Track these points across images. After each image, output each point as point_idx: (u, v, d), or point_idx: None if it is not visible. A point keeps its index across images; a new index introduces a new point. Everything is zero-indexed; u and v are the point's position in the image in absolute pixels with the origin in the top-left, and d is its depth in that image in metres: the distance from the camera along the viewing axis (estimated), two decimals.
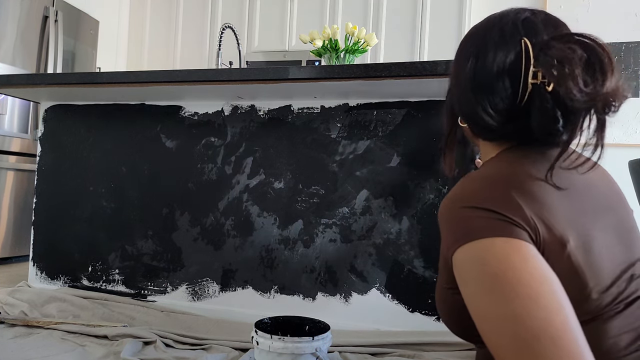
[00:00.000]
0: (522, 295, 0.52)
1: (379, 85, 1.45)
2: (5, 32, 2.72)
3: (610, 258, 0.60)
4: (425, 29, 3.35)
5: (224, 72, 1.50)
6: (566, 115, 0.62)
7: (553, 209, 0.58)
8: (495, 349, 0.54)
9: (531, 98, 0.62)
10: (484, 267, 0.55)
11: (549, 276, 0.54)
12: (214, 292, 1.76)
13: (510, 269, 0.54)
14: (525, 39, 0.63)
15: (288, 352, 1.11)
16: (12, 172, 2.72)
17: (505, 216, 0.57)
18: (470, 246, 0.57)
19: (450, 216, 0.62)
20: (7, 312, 1.63)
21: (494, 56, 0.65)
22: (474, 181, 0.63)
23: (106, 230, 1.91)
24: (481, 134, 0.71)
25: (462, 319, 0.66)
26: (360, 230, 1.61)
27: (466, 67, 0.69)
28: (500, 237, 0.56)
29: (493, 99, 0.65)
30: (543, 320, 0.51)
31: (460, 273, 0.59)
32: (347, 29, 1.85)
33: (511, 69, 0.64)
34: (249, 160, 1.75)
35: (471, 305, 0.57)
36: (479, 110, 0.66)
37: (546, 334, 0.50)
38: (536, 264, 0.54)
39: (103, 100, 1.91)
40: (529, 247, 0.56)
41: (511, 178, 0.61)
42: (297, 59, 3.55)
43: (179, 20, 3.88)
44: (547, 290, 0.52)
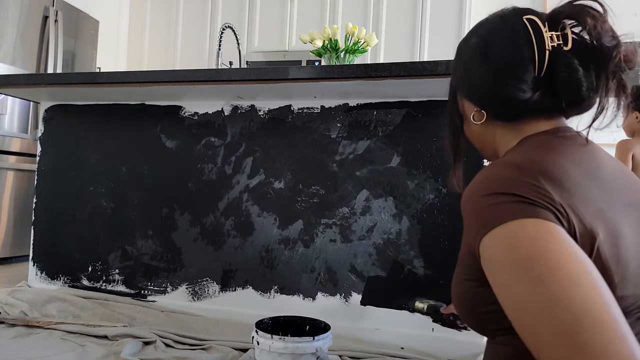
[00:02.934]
0: (559, 277, 0.50)
1: (379, 85, 1.45)
2: (5, 32, 2.72)
3: (636, 254, 0.58)
4: (425, 29, 3.35)
5: (224, 72, 1.50)
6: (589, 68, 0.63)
7: (583, 199, 0.57)
8: (533, 339, 0.52)
9: (551, 64, 0.63)
10: (516, 251, 0.53)
11: (582, 257, 0.53)
12: (214, 292, 1.76)
13: (544, 250, 0.52)
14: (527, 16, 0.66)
15: (288, 352, 1.11)
16: (12, 172, 2.72)
17: (533, 200, 0.56)
18: (498, 231, 0.55)
19: (476, 204, 0.60)
20: (7, 312, 1.63)
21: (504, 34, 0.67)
22: (499, 168, 0.62)
23: (106, 230, 1.91)
24: (507, 114, 0.69)
25: (481, 312, 0.64)
26: (360, 230, 1.61)
27: (479, 55, 0.70)
28: (531, 218, 0.54)
29: (518, 72, 0.65)
30: (582, 300, 0.49)
31: (489, 261, 0.57)
32: (347, 29, 1.85)
33: (524, 41, 0.65)
34: (249, 160, 1.75)
35: (504, 295, 0.55)
36: (507, 85, 0.66)
37: (586, 315, 0.48)
38: (570, 245, 0.53)
39: (103, 100, 1.91)
40: (559, 229, 0.54)
41: (539, 164, 0.60)
42: (297, 59, 3.55)
43: (179, 20, 3.88)
44: (583, 271, 0.51)
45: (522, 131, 0.69)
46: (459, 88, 0.76)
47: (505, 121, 0.70)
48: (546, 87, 0.65)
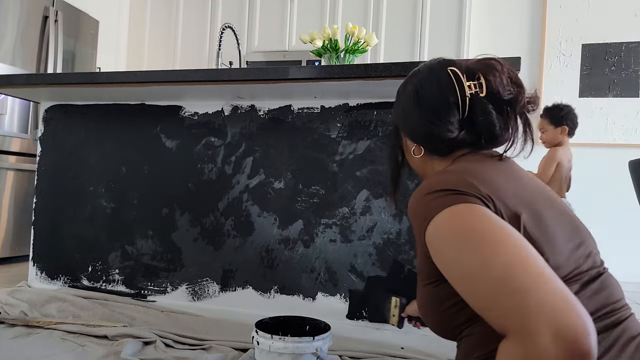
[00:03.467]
0: (488, 241, 0.60)
1: (379, 85, 1.45)
2: (5, 32, 2.72)
3: (561, 231, 0.68)
4: (425, 29, 3.35)
5: (224, 72, 1.50)
6: (500, 110, 0.77)
7: (503, 190, 0.69)
8: (480, 303, 0.59)
9: (471, 108, 0.77)
10: (452, 230, 0.63)
11: (507, 226, 0.62)
12: (214, 292, 1.76)
13: (474, 224, 0.62)
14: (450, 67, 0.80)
15: (288, 352, 1.11)
16: (12, 172, 2.71)
17: (462, 191, 0.67)
18: (437, 218, 0.66)
19: (417, 204, 0.71)
20: (7, 312, 1.63)
21: (432, 84, 0.80)
22: (433, 177, 0.74)
23: (106, 230, 1.91)
24: (439, 149, 0.82)
25: (444, 310, 0.72)
26: (360, 230, 1.61)
27: (413, 101, 0.83)
28: (461, 203, 0.65)
29: (446, 115, 0.78)
30: (511, 255, 0.58)
31: (435, 248, 0.66)
32: (347, 29, 1.85)
33: (449, 89, 0.78)
34: (249, 160, 1.75)
35: (450, 271, 0.63)
36: (438, 126, 0.79)
37: (515, 265, 0.56)
38: (495, 219, 0.63)
39: (103, 100, 1.91)
40: (485, 208, 0.65)
41: (466, 169, 0.73)
42: (297, 59, 3.55)
43: (179, 20, 3.88)
44: (509, 235, 0.60)
45: (451, 158, 0.83)
46: (400, 127, 0.89)
47: (438, 156, 0.84)
48: (468, 127, 0.78)
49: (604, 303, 0.65)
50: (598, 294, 0.66)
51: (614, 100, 3.26)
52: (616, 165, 3.27)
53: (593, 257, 0.69)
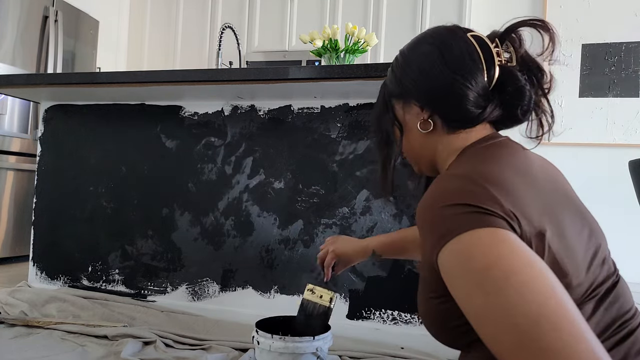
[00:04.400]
0: (513, 283, 0.51)
1: (379, 85, 1.44)
2: (5, 32, 2.72)
3: (581, 242, 0.61)
4: (425, 29, 3.34)
5: (224, 72, 1.50)
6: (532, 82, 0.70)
7: (527, 201, 0.60)
8: (497, 348, 0.52)
9: (499, 79, 0.69)
10: (471, 263, 0.55)
11: (536, 261, 0.54)
12: (214, 292, 1.76)
13: (498, 258, 0.53)
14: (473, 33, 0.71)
15: (289, 351, 1.11)
16: (12, 172, 2.71)
17: (486, 210, 0.57)
18: (454, 242, 0.56)
19: (431, 217, 0.61)
20: (7, 312, 1.63)
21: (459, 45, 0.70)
22: (449, 180, 0.64)
23: (106, 230, 1.91)
24: (459, 119, 0.71)
25: (450, 328, 0.65)
26: (360, 230, 1.61)
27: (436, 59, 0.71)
28: (484, 227, 0.56)
29: (475, 78, 0.68)
30: (539, 305, 0.50)
31: (448, 274, 0.58)
32: (347, 29, 1.85)
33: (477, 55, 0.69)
34: (249, 160, 1.75)
35: (466, 307, 0.56)
36: (466, 86, 0.68)
37: (544, 319, 0.49)
38: (522, 251, 0.54)
39: (103, 100, 1.91)
40: (512, 235, 0.56)
41: (485, 174, 0.62)
42: (297, 59, 3.55)
43: (179, 20, 3.88)
44: (537, 274, 0.52)
45: (462, 142, 0.72)
46: (402, 95, 0.76)
47: (453, 128, 0.72)
48: (495, 98, 0.70)
49: (617, 315, 0.61)
50: (612, 306, 0.61)
51: (614, 100, 3.26)
52: (616, 165, 3.27)
53: (608, 263, 0.64)
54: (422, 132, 0.74)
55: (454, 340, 0.67)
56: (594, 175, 3.31)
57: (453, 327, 0.64)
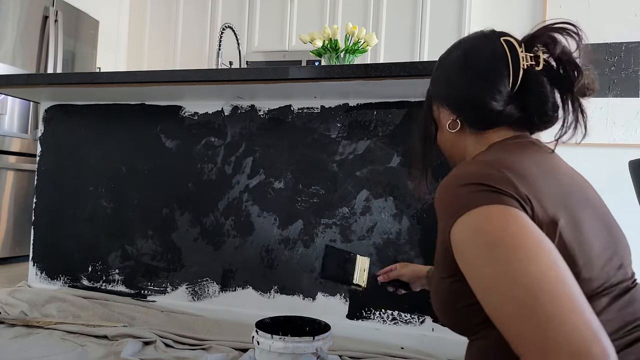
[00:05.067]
0: (519, 256, 0.55)
1: (379, 85, 1.45)
2: (5, 32, 2.72)
3: (598, 240, 0.63)
4: (425, 29, 3.35)
5: (224, 72, 1.50)
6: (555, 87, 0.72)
7: (543, 190, 0.63)
8: (500, 318, 0.56)
9: (524, 81, 0.71)
10: (482, 235, 0.58)
11: (543, 240, 0.57)
12: (214, 292, 1.76)
13: (508, 234, 0.57)
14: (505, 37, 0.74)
15: (289, 352, 1.11)
16: (12, 172, 2.71)
17: (500, 189, 0.61)
18: (467, 217, 0.60)
19: (447, 195, 0.65)
20: (7, 312, 1.63)
21: (485, 50, 0.74)
22: (468, 165, 0.68)
23: (106, 230, 1.91)
24: (480, 122, 0.76)
25: (458, 308, 0.68)
26: (360, 230, 1.61)
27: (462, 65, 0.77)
28: (496, 204, 0.59)
29: (496, 84, 0.72)
30: (540, 278, 0.53)
31: (459, 247, 0.61)
32: (347, 29, 1.85)
33: (502, 59, 0.72)
34: (249, 160, 1.75)
35: (474, 278, 0.59)
36: (486, 93, 0.72)
37: (544, 291, 0.52)
38: (531, 229, 0.58)
39: (103, 100, 1.91)
40: (523, 214, 0.59)
41: (504, 161, 0.66)
42: (297, 59, 3.55)
43: (179, 20, 3.88)
44: (542, 250, 0.56)
45: (490, 140, 0.76)
46: (437, 96, 0.83)
47: (477, 129, 0.77)
48: (517, 101, 0.73)
49: (631, 318, 0.63)
50: (626, 308, 0.63)
51: (614, 100, 3.26)
52: (616, 165, 3.27)
53: (624, 269, 0.66)
54: (451, 131, 0.79)
55: (460, 321, 0.70)
56: (594, 175, 3.31)
57: (461, 307, 0.67)
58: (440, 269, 0.70)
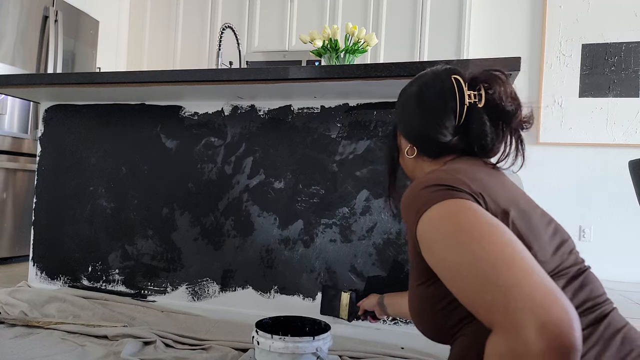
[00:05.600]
0: (476, 237, 0.61)
1: (379, 85, 1.45)
2: (5, 32, 2.72)
3: (546, 232, 0.70)
4: (425, 29, 3.35)
5: (224, 72, 1.50)
6: (495, 122, 0.79)
7: (493, 190, 0.71)
8: (467, 297, 0.60)
9: (468, 117, 0.80)
10: (443, 226, 0.65)
11: (498, 223, 0.64)
12: (214, 292, 1.76)
13: (464, 219, 0.63)
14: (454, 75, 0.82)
15: (289, 352, 1.11)
16: (12, 172, 2.71)
17: (455, 187, 0.69)
18: (428, 212, 0.67)
19: (409, 199, 0.72)
20: (7, 312, 1.63)
21: (435, 88, 0.83)
22: (426, 175, 0.76)
23: (106, 230, 1.91)
24: (430, 150, 0.85)
25: (436, 311, 0.72)
26: (360, 230, 1.61)
27: (414, 101, 0.85)
28: (452, 199, 0.67)
29: (442, 119, 0.81)
30: (496, 251, 0.59)
31: (424, 241, 0.67)
32: (347, 29, 1.85)
33: (449, 95, 0.81)
34: (249, 160, 1.75)
35: (439, 266, 0.65)
36: (433, 128, 0.82)
37: (500, 261, 0.58)
38: (484, 214, 0.65)
39: (103, 100, 1.91)
40: (477, 205, 0.66)
41: (457, 169, 0.74)
42: (297, 59, 3.55)
43: (179, 20, 3.88)
44: (496, 230, 0.62)
45: (443, 161, 0.85)
46: (398, 125, 0.92)
47: (430, 157, 0.86)
48: (463, 133, 0.81)
49: (588, 297, 0.67)
50: (582, 289, 0.67)
51: (614, 100, 3.26)
52: (616, 165, 3.27)
53: (575, 254, 0.72)
54: (409, 157, 0.89)
55: (438, 326, 0.74)
56: (594, 175, 3.31)
57: (439, 309, 0.72)
58: (415, 277, 0.76)
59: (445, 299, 0.71)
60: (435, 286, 0.71)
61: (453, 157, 0.84)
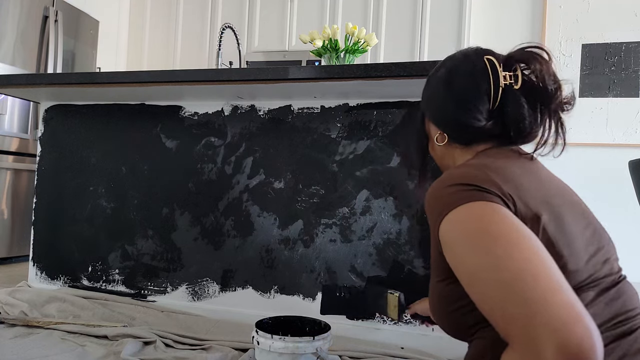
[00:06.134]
0: (501, 243, 0.58)
1: (379, 85, 1.45)
2: (5, 32, 2.72)
3: (581, 235, 0.66)
4: (425, 29, 3.35)
5: (224, 72, 1.50)
6: (533, 104, 0.74)
7: (526, 188, 0.67)
8: (487, 305, 0.57)
9: (503, 99, 0.75)
10: (466, 227, 0.62)
11: (525, 229, 0.60)
12: (214, 292, 1.76)
13: (490, 224, 0.60)
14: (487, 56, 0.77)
15: (289, 352, 1.11)
16: (12, 172, 2.71)
17: (484, 188, 0.64)
18: (453, 213, 0.64)
19: (435, 197, 0.69)
20: (7, 312, 1.63)
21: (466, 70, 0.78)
22: (454, 169, 0.72)
23: (106, 230, 1.91)
24: (463, 137, 0.80)
25: (454, 310, 0.70)
26: (360, 230, 1.61)
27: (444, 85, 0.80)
28: (479, 201, 0.63)
29: (476, 103, 0.76)
30: (522, 261, 0.55)
31: (446, 242, 0.64)
32: (347, 29, 1.85)
33: (482, 77, 0.76)
34: (249, 160, 1.75)
35: (459, 268, 0.62)
36: (466, 112, 0.76)
37: (526, 273, 0.54)
38: (512, 220, 0.61)
39: (103, 100, 1.91)
40: (505, 209, 0.62)
41: (488, 164, 0.70)
42: (297, 59, 3.55)
43: (179, 20, 3.88)
44: (523, 237, 0.58)
45: (476, 150, 0.80)
46: (426, 112, 0.87)
47: (462, 144, 0.81)
48: (497, 118, 0.76)
49: (619, 311, 0.64)
50: (614, 302, 0.64)
51: (614, 100, 3.26)
52: (616, 165, 3.27)
53: (611, 263, 0.67)
54: (439, 144, 0.84)
55: (456, 324, 0.72)
56: (594, 175, 3.31)
57: (456, 309, 0.70)
58: (436, 273, 0.73)
59: (463, 300, 0.67)
60: (454, 285, 0.68)
61: (486, 146, 0.79)
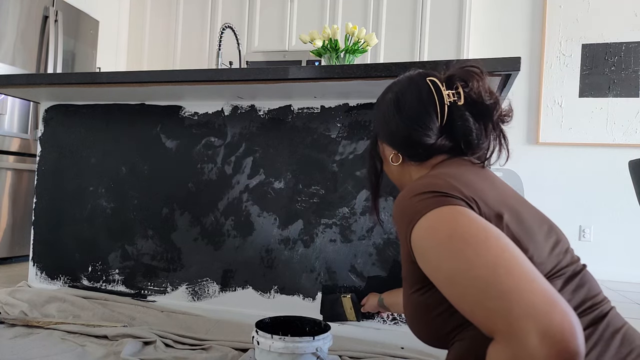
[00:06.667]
0: (472, 243, 0.60)
1: (379, 85, 1.45)
2: (5, 32, 2.72)
3: (539, 229, 0.70)
4: (425, 29, 3.35)
5: (224, 72, 1.50)
6: (477, 118, 0.80)
7: (485, 193, 0.70)
8: (467, 306, 0.59)
9: (450, 116, 0.80)
10: (437, 234, 0.63)
11: (492, 227, 0.63)
12: (214, 292, 1.76)
13: (459, 228, 0.62)
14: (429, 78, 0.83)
15: (288, 352, 1.11)
16: (12, 172, 2.71)
17: (448, 193, 0.68)
18: (422, 220, 0.66)
19: (402, 208, 0.71)
20: (7, 312, 1.63)
21: (412, 93, 0.83)
22: (416, 181, 0.76)
23: (106, 230, 1.91)
24: (417, 154, 0.84)
25: (433, 318, 0.71)
26: (360, 230, 1.61)
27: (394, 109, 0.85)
28: (446, 205, 0.65)
29: (425, 122, 0.81)
30: (494, 257, 0.58)
31: (418, 250, 0.66)
32: (347, 29, 1.85)
33: (428, 99, 0.81)
34: (249, 160, 1.75)
35: (438, 277, 0.63)
36: (417, 132, 0.81)
37: (499, 267, 0.57)
38: (479, 220, 0.64)
39: (103, 100, 1.91)
40: (470, 211, 0.65)
41: (447, 173, 0.74)
42: (297, 59, 3.55)
43: (179, 20, 3.88)
44: (492, 236, 0.61)
45: (430, 165, 0.85)
46: (379, 134, 0.91)
47: (417, 161, 0.85)
48: (448, 133, 0.81)
49: (586, 297, 0.67)
50: (580, 289, 0.67)
51: (614, 100, 3.26)
52: (616, 165, 3.27)
53: (571, 253, 0.71)
54: (394, 164, 0.88)
55: (435, 332, 0.73)
56: (594, 175, 3.31)
57: (434, 317, 0.71)
58: (409, 285, 0.75)
59: (442, 306, 0.70)
60: (430, 293, 0.70)
61: (440, 159, 0.83)
